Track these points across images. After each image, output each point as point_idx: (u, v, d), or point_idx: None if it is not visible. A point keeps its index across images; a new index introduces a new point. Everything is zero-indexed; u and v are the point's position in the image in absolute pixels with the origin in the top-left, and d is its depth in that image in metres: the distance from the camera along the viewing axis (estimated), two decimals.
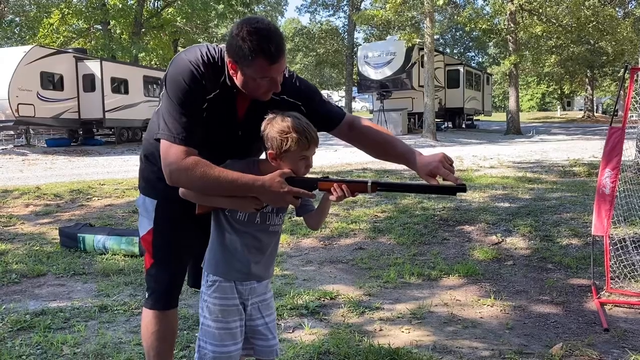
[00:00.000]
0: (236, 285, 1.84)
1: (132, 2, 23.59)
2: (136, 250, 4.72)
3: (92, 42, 24.30)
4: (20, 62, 16.20)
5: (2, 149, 16.43)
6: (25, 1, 32.83)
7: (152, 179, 1.97)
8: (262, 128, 1.79)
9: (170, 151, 1.70)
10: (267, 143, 1.78)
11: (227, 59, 1.74)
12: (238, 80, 1.74)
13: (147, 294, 2.05)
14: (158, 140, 1.76)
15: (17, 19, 32.64)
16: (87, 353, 2.79)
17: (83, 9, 23.59)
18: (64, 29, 23.50)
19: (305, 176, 1.82)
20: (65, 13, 22.46)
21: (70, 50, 19.77)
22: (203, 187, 1.71)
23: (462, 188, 1.74)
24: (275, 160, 1.77)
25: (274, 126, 1.76)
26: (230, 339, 1.83)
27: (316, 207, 1.90)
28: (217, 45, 1.83)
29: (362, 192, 1.77)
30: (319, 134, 1.84)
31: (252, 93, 1.76)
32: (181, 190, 1.76)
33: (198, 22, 27.88)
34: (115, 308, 3.46)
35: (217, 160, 1.74)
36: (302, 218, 1.92)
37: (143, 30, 23.18)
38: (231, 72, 1.74)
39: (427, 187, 1.93)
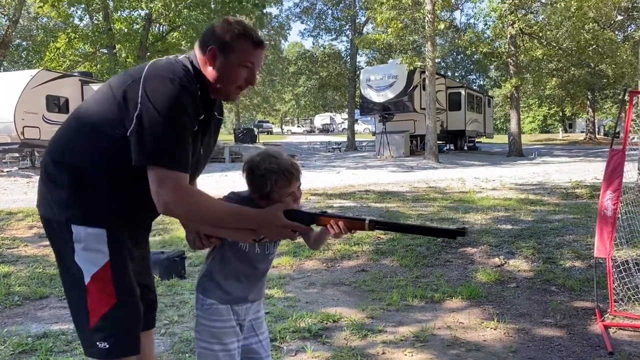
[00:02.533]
0: (232, 307, 1.86)
1: (137, 26, 23.94)
2: None
3: (98, 65, 24.58)
4: (27, 85, 16.41)
5: (7, 172, 16.51)
6: (32, 26, 33.35)
7: (97, 205, 1.68)
8: (242, 170, 1.82)
9: (168, 180, 1.58)
10: (250, 187, 1.80)
11: (201, 55, 1.72)
12: (216, 70, 1.70)
13: (105, 345, 1.66)
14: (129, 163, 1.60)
15: (24, 43, 33.12)
16: None
17: (89, 34, 23.92)
18: (70, 52, 23.80)
19: (304, 210, 1.84)
20: (72, 37, 22.78)
21: (76, 74, 20.00)
22: (201, 219, 1.69)
23: (462, 232, 1.73)
24: (262, 200, 1.78)
25: (253, 170, 1.78)
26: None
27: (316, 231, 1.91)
28: (177, 57, 1.76)
29: (359, 230, 1.77)
30: (322, 156, 1.87)
31: (227, 85, 1.73)
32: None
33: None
34: None
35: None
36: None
37: (148, 54, 23.46)
38: (208, 64, 1.71)
39: (426, 229, 1.91)
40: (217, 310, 1.84)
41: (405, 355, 3.11)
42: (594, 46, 23.73)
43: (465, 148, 28.49)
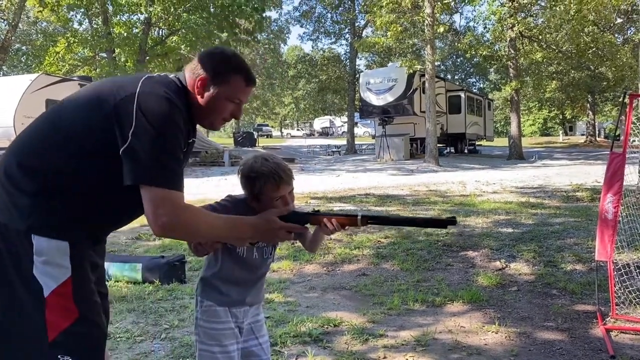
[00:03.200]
0: (230, 309, 1.87)
1: (137, 30, 23.97)
2: (139, 277, 4.71)
3: (97, 69, 24.59)
4: (26, 90, 16.41)
5: None
6: (32, 30, 33.40)
7: (62, 216, 1.59)
8: (237, 173, 1.87)
9: (167, 200, 1.54)
10: (242, 189, 1.85)
11: (191, 79, 1.69)
12: (204, 100, 1.69)
13: (69, 358, 1.59)
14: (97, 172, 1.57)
15: (23, 47, 33.16)
16: None
17: (89, 38, 23.93)
18: (69, 57, 23.80)
19: (296, 210, 1.87)
20: (71, 42, 22.78)
21: (75, 78, 20.00)
22: (201, 237, 1.70)
23: (452, 221, 1.73)
24: (253, 203, 1.83)
25: (244, 172, 1.83)
26: None
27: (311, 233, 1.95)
28: (167, 76, 1.73)
29: (353, 226, 1.80)
30: (323, 159, 1.88)
31: (212, 115, 1.72)
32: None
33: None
34: (117, 335, 3.44)
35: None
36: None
37: (147, 58, 23.48)
38: (196, 90, 1.68)
39: (418, 220, 1.96)
40: (215, 312, 1.86)
41: (407, 359, 3.10)
42: (593, 49, 23.76)
43: (466, 151, 28.51)
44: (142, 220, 2.09)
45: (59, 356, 1.59)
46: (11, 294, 1.61)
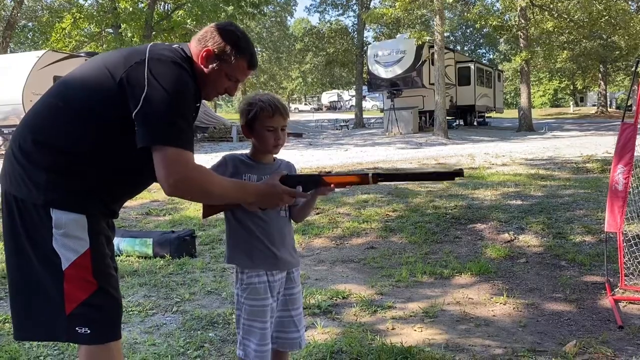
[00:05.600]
0: (269, 282, 1.93)
1: (142, 5, 23.76)
2: (150, 251, 4.77)
3: (104, 45, 24.49)
4: (34, 67, 16.40)
5: None
6: (37, 6, 33.21)
7: (79, 190, 1.65)
8: (238, 105, 2.01)
9: (180, 159, 1.58)
10: (240, 118, 1.95)
11: (196, 50, 1.74)
12: (206, 70, 1.74)
13: (86, 330, 1.65)
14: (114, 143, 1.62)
15: (29, 24, 33.03)
16: None
17: (94, 13, 23.78)
18: (75, 33, 23.69)
19: (304, 174, 1.96)
20: (77, 17, 22.65)
21: (82, 54, 19.94)
22: (211, 197, 1.73)
23: (460, 172, 1.80)
24: (246, 132, 1.92)
25: (242, 103, 1.95)
26: (268, 337, 1.94)
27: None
28: (172, 45, 1.78)
29: (365, 184, 1.83)
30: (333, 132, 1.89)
31: (209, 87, 1.78)
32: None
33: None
34: (129, 309, 3.50)
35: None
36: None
37: (154, 33, 23.31)
38: (200, 60, 1.73)
39: (426, 173, 2.02)
40: (254, 290, 1.92)
41: (415, 330, 3.13)
42: (606, 17, 23.22)
43: (475, 123, 28.27)
44: (152, 195, 2.10)
45: (76, 328, 1.65)
46: (29, 267, 1.67)
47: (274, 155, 2.00)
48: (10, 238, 1.69)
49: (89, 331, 1.65)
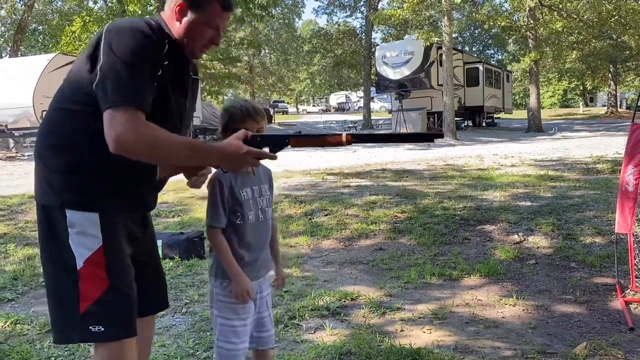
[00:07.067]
0: (251, 281, 1.96)
1: (151, 8, 23.91)
2: (159, 253, 4.79)
3: None
4: (44, 70, 16.55)
5: (28, 156, 16.79)
6: (47, 10, 33.50)
7: (91, 188, 1.69)
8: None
9: (120, 115, 1.54)
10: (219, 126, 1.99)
11: (169, 10, 1.74)
12: (182, 26, 1.72)
13: (100, 328, 1.66)
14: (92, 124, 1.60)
15: (40, 27, 33.33)
16: None
17: (104, 16, 23.96)
18: (85, 36, 23.87)
19: (272, 134, 1.84)
20: (87, 21, 22.82)
21: None
22: (157, 154, 1.62)
23: (440, 134, 1.77)
24: (224, 138, 1.90)
25: (222, 107, 2.04)
26: (247, 334, 1.99)
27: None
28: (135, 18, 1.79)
29: (338, 145, 1.72)
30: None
31: (192, 42, 1.75)
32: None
33: None
34: None
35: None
36: (320, 220, 2.06)
37: None
38: (175, 17, 1.72)
39: (402, 135, 1.89)
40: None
41: (424, 332, 3.13)
42: (616, 17, 23.07)
43: (484, 124, 28.19)
44: (160, 197, 2.12)
45: (90, 327, 1.67)
46: (51, 269, 1.74)
47: None
48: (43, 246, 1.75)
49: (102, 329, 1.66)
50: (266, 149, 1.72)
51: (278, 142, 1.74)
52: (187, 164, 1.78)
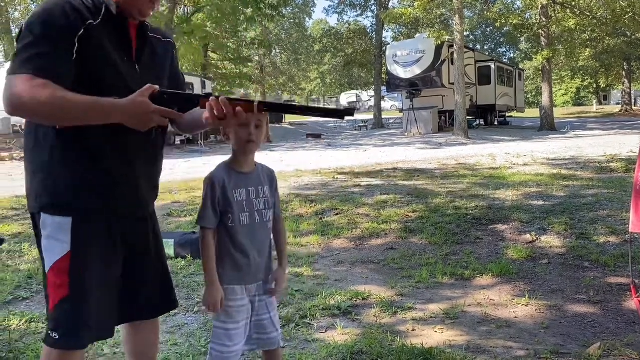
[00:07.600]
0: (246, 284, 1.95)
1: (163, 9, 24.04)
2: (171, 252, 4.82)
3: None
4: None
5: None
6: None
7: (64, 189, 1.66)
8: None
9: (15, 79, 1.52)
10: None
11: None
12: None
13: (55, 335, 1.65)
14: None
15: None
16: None
17: None
18: None
19: (181, 92, 1.80)
20: None
21: None
22: (52, 112, 1.55)
23: (350, 111, 1.72)
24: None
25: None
26: (241, 337, 1.95)
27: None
28: None
29: (250, 112, 1.68)
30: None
31: (136, 1, 1.70)
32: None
33: (227, 26, 28.23)
34: None
35: None
36: (329, 219, 2.04)
37: (174, 36, 23.59)
38: None
39: (313, 108, 1.85)
40: (232, 291, 1.93)
41: (436, 332, 3.12)
42: (630, 14, 22.80)
43: (496, 123, 28.01)
44: (173, 197, 2.13)
45: (49, 332, 1.68)
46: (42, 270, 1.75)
47: (255, 160, 2.00)
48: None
49: (56, 336, 1.65)
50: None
51: (187, 100, 1.72)
52: (89, 122, 1.62)
